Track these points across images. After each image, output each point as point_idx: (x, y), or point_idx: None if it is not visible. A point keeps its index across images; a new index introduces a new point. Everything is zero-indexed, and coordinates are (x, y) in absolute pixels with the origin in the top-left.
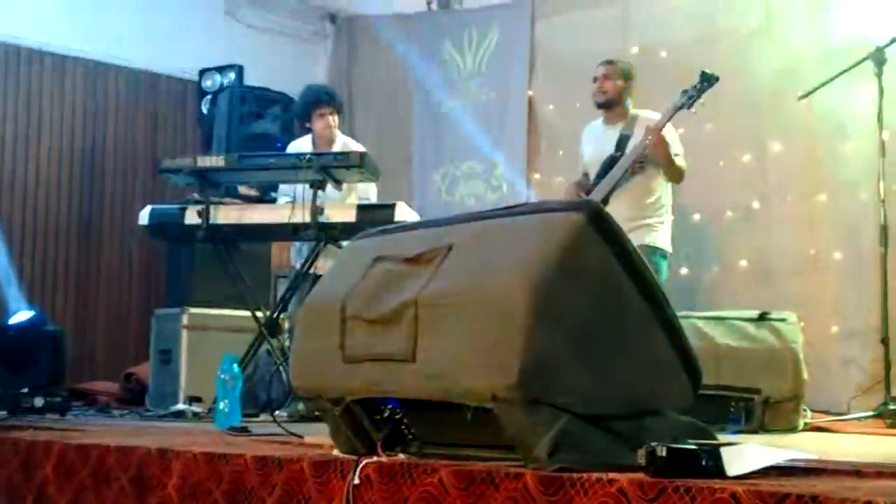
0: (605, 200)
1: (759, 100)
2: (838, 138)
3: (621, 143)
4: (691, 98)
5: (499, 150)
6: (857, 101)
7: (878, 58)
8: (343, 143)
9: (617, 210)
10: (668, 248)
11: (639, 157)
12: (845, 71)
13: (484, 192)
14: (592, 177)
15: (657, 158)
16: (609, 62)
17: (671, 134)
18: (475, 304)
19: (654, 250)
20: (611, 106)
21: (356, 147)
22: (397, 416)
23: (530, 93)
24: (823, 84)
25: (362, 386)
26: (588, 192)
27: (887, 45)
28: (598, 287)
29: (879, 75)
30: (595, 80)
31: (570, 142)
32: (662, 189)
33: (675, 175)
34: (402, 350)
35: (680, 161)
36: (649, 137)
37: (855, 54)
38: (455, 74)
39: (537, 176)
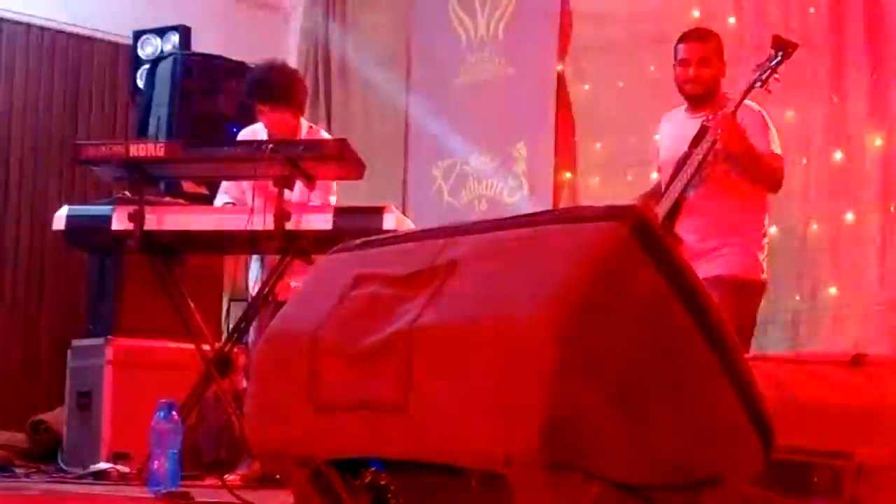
0: (673, 214)
1: (856, 78)
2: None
3: (699, 137)
4: (764, 73)
5: (519, 141)
6: None
7: None
8: (307, 133)
9: (692, 231)
10: (761, 277)
11: (707, 155)
12: None
13: (499, 193)
14: (664, 183)
15: (732, 153)
16: (703, 36)
17: (756, 122)
18: (485, 339)
19: (743, 285)
20: (705, 99)
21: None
22: (382, 482)
23: (560, 68)
24: None
25: (338, 442)
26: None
27: None
28: (645, 321)
29: None
30: (682, 62)
31: (611, 132)
32: (761, 197)
33: (766, 177)
34: (391, 397)
35: (779, 162)
36: (718, 129)
37: None
38: (463, 43)
39: (568, 175)
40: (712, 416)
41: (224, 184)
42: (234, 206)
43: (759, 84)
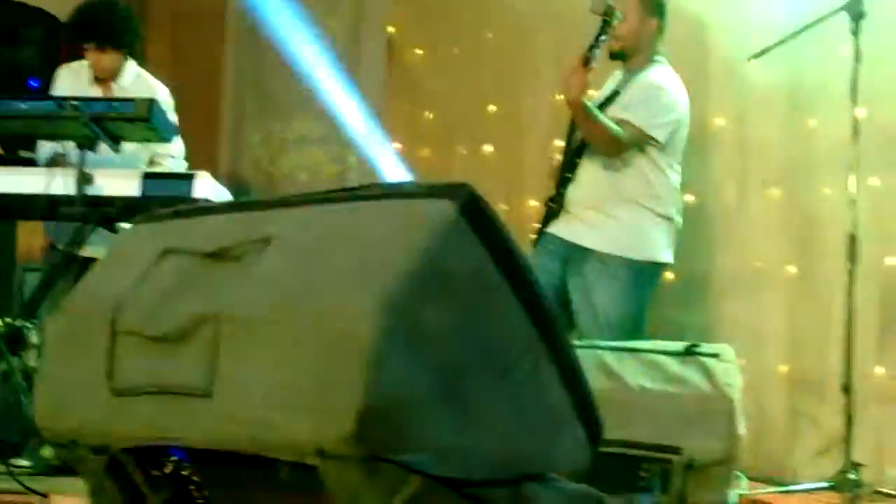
0: (566, 173)
1: (700, 59)
2: (799, 114)
3: (608, 101)
4: (593, 44)
5: (346, 107)
6: (828, 66)
7: (855, 10)
8: (135, 78)
9: (584, 197)
10: (662, 258)
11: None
12: (810, 26)
13: (323, 164)
14: None
15: (565, 95)
16: None
17: (639, 90)
18: (300, 321)
19: (636, 265)
20: (628, 56)
21: (151, 88)
22: (184, 472)
23: (391, 29)
24: (781, 42)
25: (137, 428)
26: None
27: None
28: (471, 303)
29: (856, 33)
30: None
31: (444, 101)
32: (660, 169)
33: (597, 139)
34: (195, 381)
35: (622, 131)
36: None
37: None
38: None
39: (397, 146)
40: (538, 408)
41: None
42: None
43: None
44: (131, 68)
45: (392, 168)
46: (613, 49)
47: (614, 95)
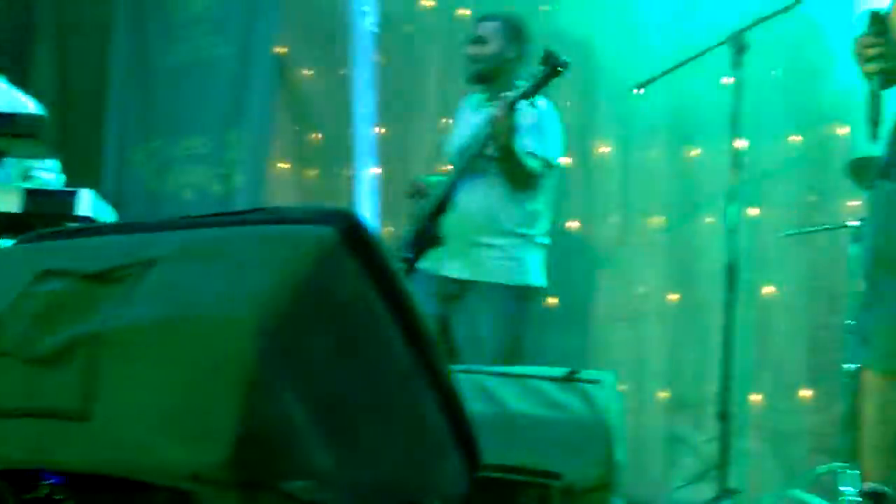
0: (447, 202)
1: (586, 86)
2: (682, 144)
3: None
4: (526, 94)
5: (234, 126)
6: (711, 98)
7: (737, 43)
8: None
9: (462, 225)
10: (538, 282)
11: (483, 146)
12: (694, 58)
13: (209, 182)
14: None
15: (496, 140)
16: (491, 18)
17: (539, 117)
18: (180, 345)
19: (516, 291)
20: (487, 79)
21: (22, 104)
22: (59, 498)
23: (281, 49)
24: (665, 73)
25: (11, 451)
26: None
27: (748, 28)
28: (351, 330)
29: (738, 66)
30: (470, 41)
31: (332, 121)
32: (537, 197)
33: (518, 177)
34: (72, 403)
35: (535, 163)
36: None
37: (715, 38)
38: (176, 15)
39: (284, 165)
40: (417, 435)
41: None
42: None
43: (526, 95)
44: None
45: (279, 189)
46: (472, 71)
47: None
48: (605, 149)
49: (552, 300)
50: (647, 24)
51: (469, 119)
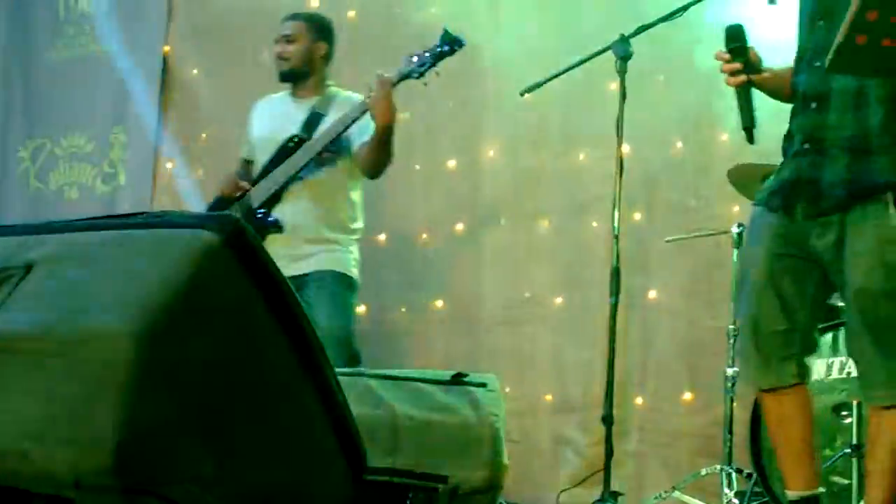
0: (276, 197)
1: (474, 90)
2: (569, 148)
3: (311, 122)
4: (424, 65)
5: (118, 125)
6: (597, 103)
7: (622, 50)
8: None
9: (296, 218)
10: (359, 279)
11: (345, 128)
12: (579, 63)
13: (93, 181)
14: (261, 164)
15: (380, 122)
16: (293, 16)
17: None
18: (59, 351)
19: (344, 279)
20: (298, 77)
21: None
22: None
23: (167, 48)
24: (552, 78)
25: None
26: (255, 185)
27: (633, 35)
28: (234, 336)
29: (622, 72)
30: (276, 41)
31: (220, 121)
32: (359, 192)
33: (385, 162)
34: None
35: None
36: (376, 92)
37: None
38: (61, 13)
39: (170, 165)
40: (301, 441)
41: None
42: None
43: (416, 74)
44: None
45: (164, 188)
46: (283, 70)
47: (317, 118)
48: (492, 152)
49: (439, 303)
50: (534, 28)
51: (278, 118)
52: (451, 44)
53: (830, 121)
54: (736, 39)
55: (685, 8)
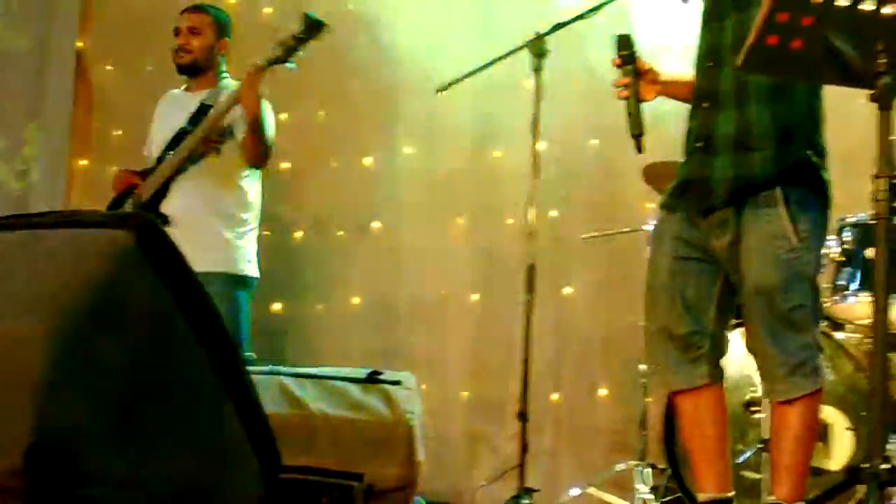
0: (164, 191)
1: (390, 88)
2: (484, 146)
3: (200, 113)
4: (289, 51)
5: (31, 122)
6: (513, 101)
7: (538, 49)
8: None
9: (184, 211)
10: (255, 273)
11: (220, 116)
12: (495, 61)
13: (6, 178)
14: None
15: (247, 111)
16: (198, 8)
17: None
18: None
19: (236, 280)
20: (197, 70)
21: None
22: None
23: (80, 44)
24: (468, 76)
25: None
26: (146, 180)
27: (549, 33)
28: (146, 335)
29: (538, 70)
30: (177, 32)
31: (133, 117)
32: (252, 183)
33: (261, 152)
34: None
35: (271, 133)
36: (243, 82)
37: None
38: None
39: (84, 162)
40: (215, 440)
41: None
42: None
43: (281, 61)
44: None
45: (78, 186)
46: (183, 62)
47: (206, 109)
48: (408, 150)
49: (356, 300)
50: (451, 25)
51: (174, 113)
52: (313, 28)
53: (718, 119)
54: (625, 48)
55: (600, 7)
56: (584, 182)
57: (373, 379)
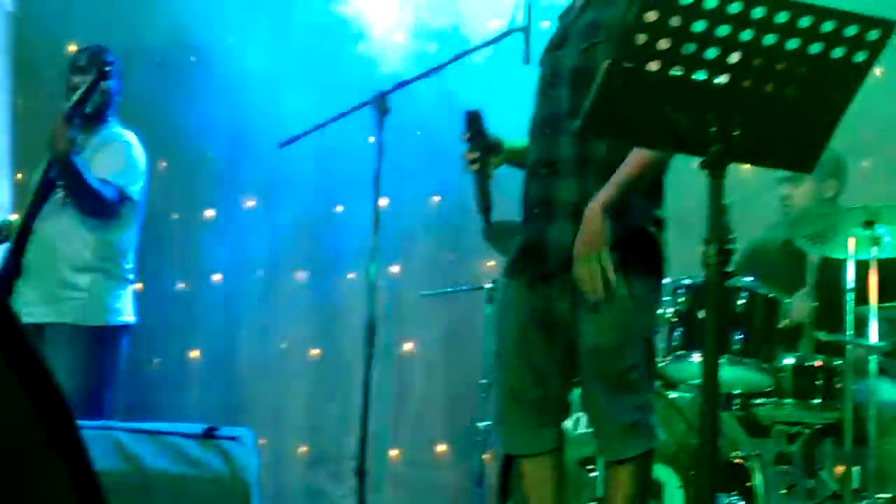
0: (23, 240)
1: (237, 141)
2: (327, 201)
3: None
4: (80, 98)
5: None
6: (355, 156)
7: (380, 106)
8: None
9: (41, 260)
10: (119, 321)
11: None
12: (338, 117)
13: None
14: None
15: (54, 154)
16: (89, 49)
17: (111, 148)
18: None
19: (86, 333)
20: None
21: None
22: None
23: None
24: (310, 131)
25: None
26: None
27: (391, 91)
28: None
29: (380, 127)
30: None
31: None
32: (113, 233)
33: (86, 200)
34: None
35: (109, 190)
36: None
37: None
38: None
39: (20, 177)
40: (44, 498)
41: None
42: None
43: (70, 107)
44: None
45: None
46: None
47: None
48: (251, 203)
49: (194, 354)
50: (293, 80)
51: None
52: (102, 74)
53: (557, 186)
54: (473, 124)
55: (442, 66)
56: (425, 238)
57: (210, 434)
